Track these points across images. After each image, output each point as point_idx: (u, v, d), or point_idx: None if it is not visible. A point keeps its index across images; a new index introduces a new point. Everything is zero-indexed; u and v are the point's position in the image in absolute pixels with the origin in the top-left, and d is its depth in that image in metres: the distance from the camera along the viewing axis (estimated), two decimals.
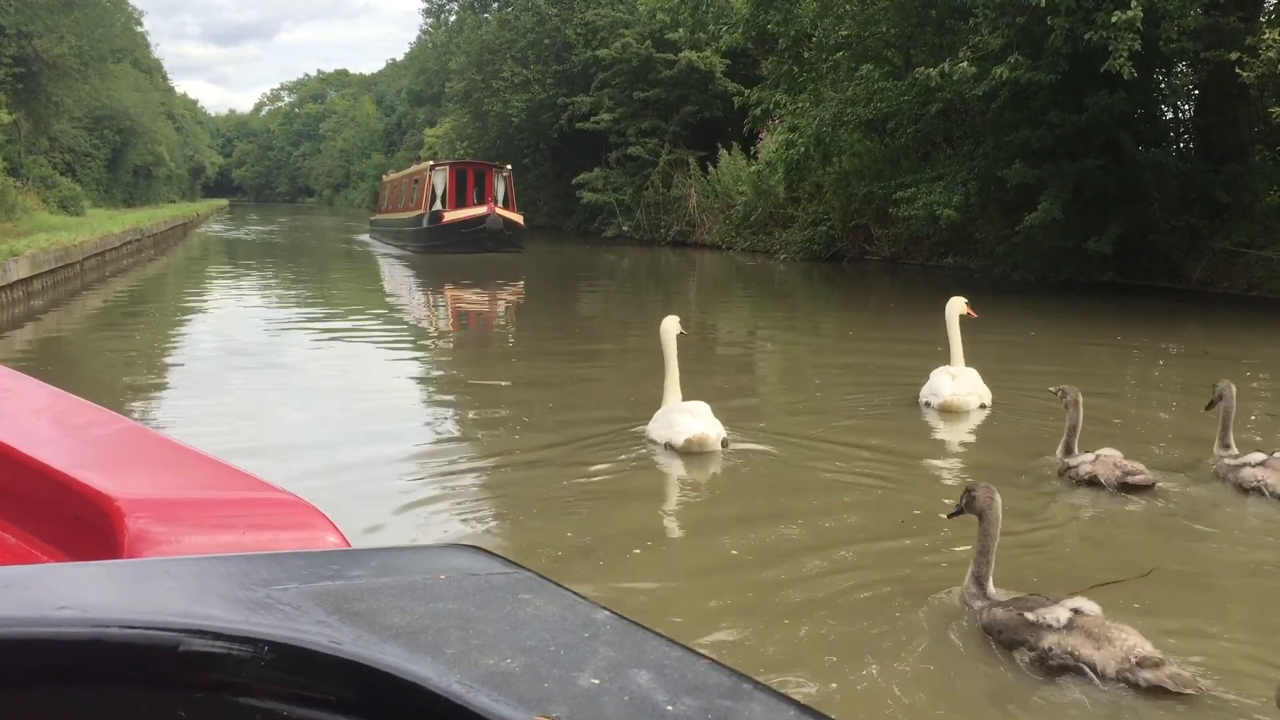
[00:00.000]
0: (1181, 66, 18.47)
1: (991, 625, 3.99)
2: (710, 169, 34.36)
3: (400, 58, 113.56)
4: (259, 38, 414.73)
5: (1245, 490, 5.84)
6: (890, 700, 3.63)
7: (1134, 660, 3.61)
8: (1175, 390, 9.85)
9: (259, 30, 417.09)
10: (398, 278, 25.18)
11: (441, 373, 10.86)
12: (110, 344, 13.00)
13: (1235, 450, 6.16)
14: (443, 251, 29.68)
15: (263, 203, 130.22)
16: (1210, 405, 6.42)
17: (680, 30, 32.99)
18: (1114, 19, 14.58)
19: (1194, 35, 15.42)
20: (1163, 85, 19.15)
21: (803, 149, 22.51)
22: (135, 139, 57.14)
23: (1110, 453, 6.20)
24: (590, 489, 6.19)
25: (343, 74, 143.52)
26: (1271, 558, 5.14)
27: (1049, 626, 3.78)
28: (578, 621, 0.88)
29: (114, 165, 55.86)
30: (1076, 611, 3.80)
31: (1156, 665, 3.59)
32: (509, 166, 34.58)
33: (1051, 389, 6.62)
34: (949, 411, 8.36)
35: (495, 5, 48.50)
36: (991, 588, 4.17)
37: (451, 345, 13.61)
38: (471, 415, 8.38)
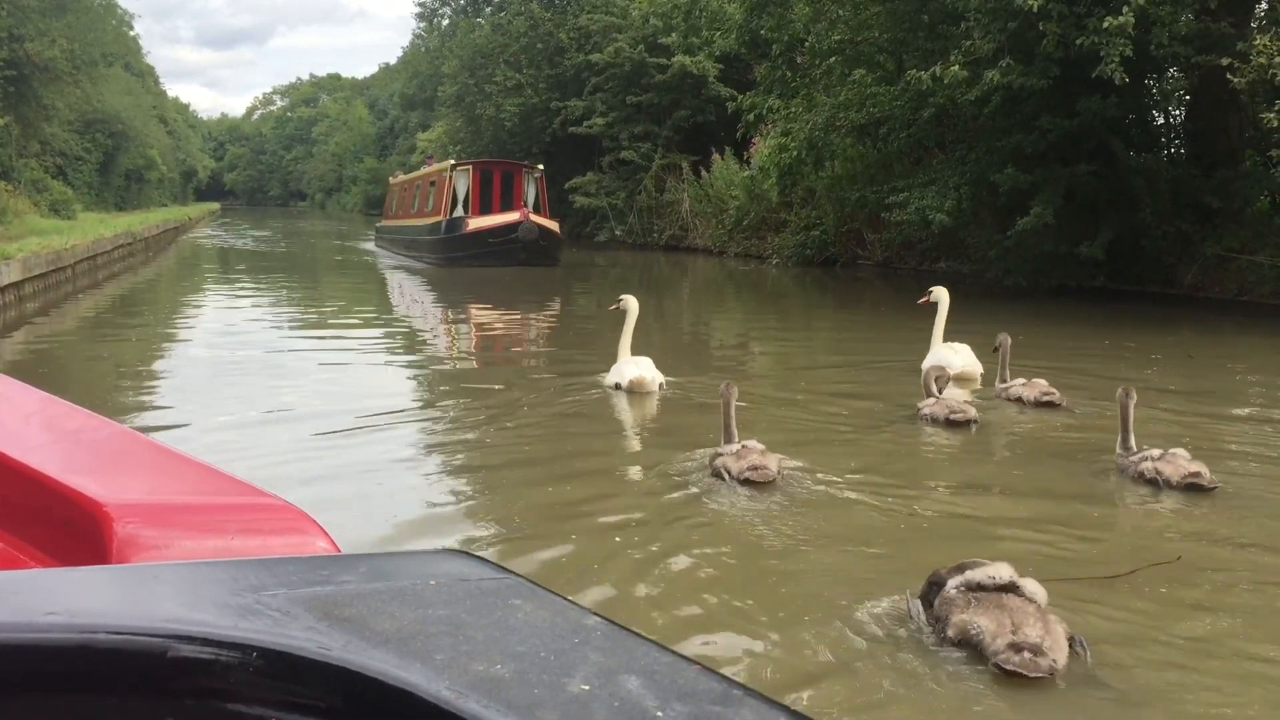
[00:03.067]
0: (1173, 72, 18.54)
1: (938, 625, 4.01)
2: (703, 174, 34.42)
3: (393, 62, 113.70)
4: (253, 42, 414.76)
5: (1146, 481, 6.29)
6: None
7: (1012, 632, 3.68)
8: (1165, 392, 9.87)
9: (253, 35, 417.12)
10: (410, 292, 22.53)
11: (433, 377, 10.84)
12: (101, 349, 12.97)
13: (1134, 449, 6.60)
14: (465, 264, 26.08)
15: (255, 206, 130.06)
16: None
17: (673, 35, 33.07)
18: (1105, 24, 14.64)
19: (1185, 41, 15.47)
20: (1154, 91, 19.22)
21: (795, 154, 22.55)
22: (127, 143, 57.00)
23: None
24: (587, 494, 6.18)
25: (335, 78, 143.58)
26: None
27: (952, 605, 3.92)
28: (568, 627, 0.88)
29: (105, 169, 55.72)
30: (1022, 594, 3.90)
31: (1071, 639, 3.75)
32: (540, 166, 30.29)
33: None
34: (966, 380, 9.66)
35: (488, 10, 48.54)
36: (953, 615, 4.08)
37: (445, 351, 13.60)
38: (465, 421, 8.37)
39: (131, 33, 56.56)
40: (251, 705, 0.84)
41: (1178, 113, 20.47)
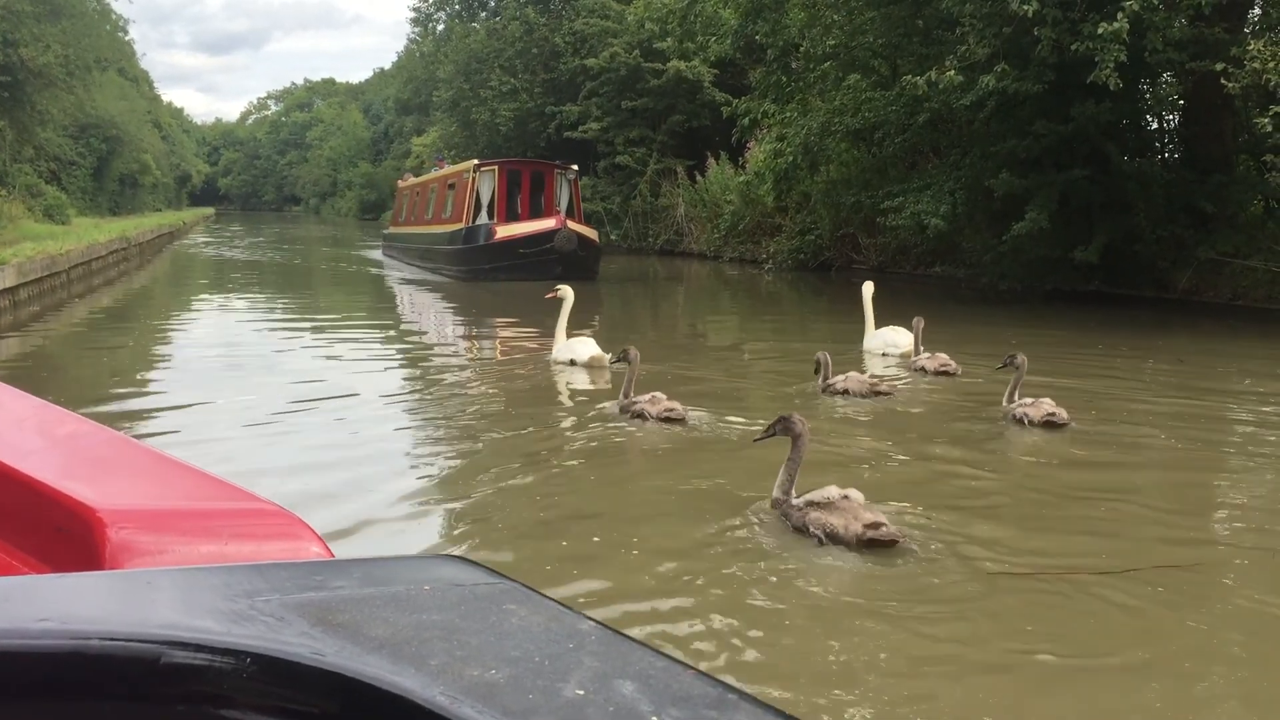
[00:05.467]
0: (1167, 77, 18.58)
1: (790, 516, 5.36)
2: (698, 178, 34.45)
3: (388, 67, 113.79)
4: (249, 47, 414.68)
5: (1021, 423, 7.96)
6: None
7: (864, 524, 5.01)
8: (1160, 395, 9.89)
9: (249, 39, 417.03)
10: (423, 304, 21.09)
11: (430, 383, 10.83)
12: (96, 354, 12.95)
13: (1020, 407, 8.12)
14: (493, 278, 22.95)
15: (249, 211, 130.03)
16: (1002, 367, 8.68)
17: (669, 40, 33.07)
18: (1100, 30, 14.67)
19: (1179, 46, 15.51)
20: (1148, 96, 19.27)
21: (790, 158, 22.60)
22: (121, 147, 56.97)
23: (858, 376, 9.19)
24: (583, 501, 6.18)
25: (330, 83, 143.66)
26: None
27: (816, 504, 5.24)
28: (563, 632, 0.88)
29: (100, 174, 55.69)
30: (845, 496, 5.20)
31: (876, 526, 5.01)
32: (574, 167, 26.67)
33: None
34: (904, 357, 11.17)
35: (483, 15, 48.57)
36: (794, 494, 5.45)
37: (442, 355, 13.58)
38: (461, 425, 8.36)
39: (126, 38, 56.48)
40: (245, 711, 0.84)
41: (1172, 118, 20.54)
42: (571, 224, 23.30)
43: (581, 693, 0.77)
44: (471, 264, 23.98)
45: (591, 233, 24.66)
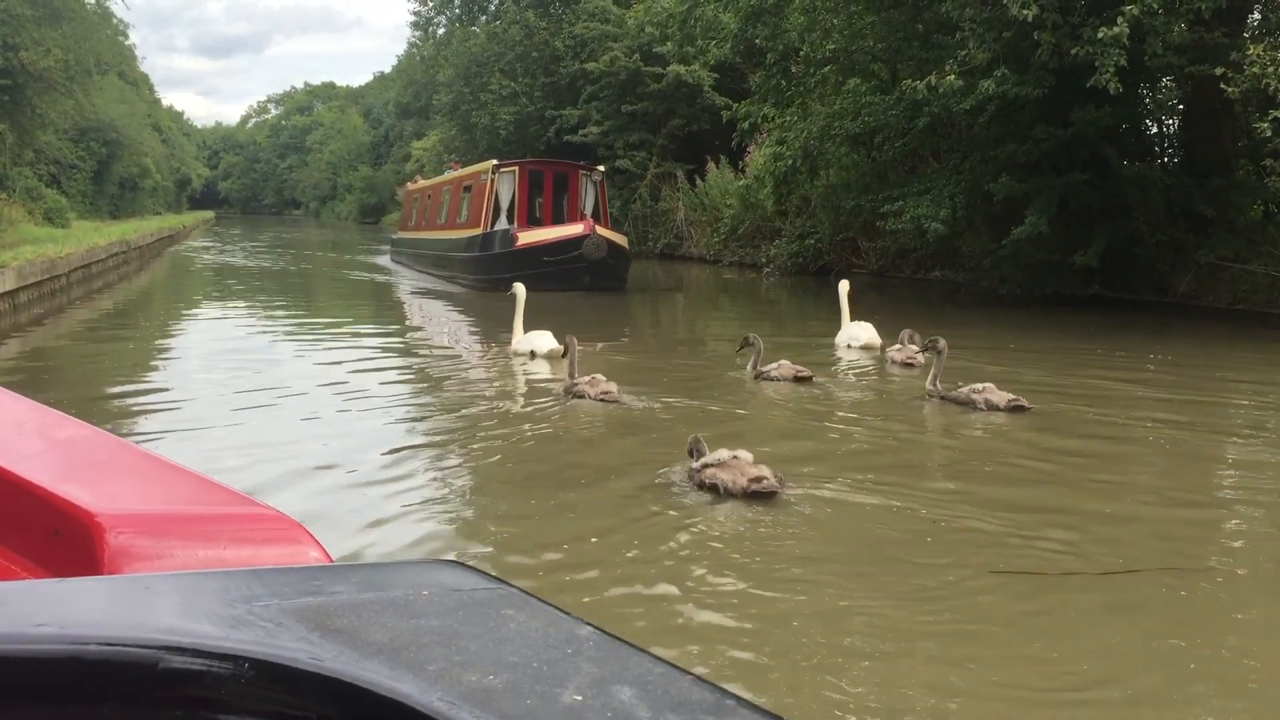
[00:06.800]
0: (1166, 81, 18.62)
1: (695, 477, 6.25)
2: (698, 182, 34.46)
3: (388, 70, 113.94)
4: (249, 50, 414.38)
5: (961, 404, 8.76)
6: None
7: (748, 478, 5.92)
8: (1155, 398, 9.90)
9: (249, 43, 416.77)
10: (433, 312, 20.01)
11: (429, 387, 10.83)
12: (95, 358, 12.95)
13: (941, 387, 9.06)
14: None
15: (249, 214, 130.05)
16: (924, 350, 9.82)
17: (668, 44, 33.08)
18: (1100, 34, 14.68)
19: (1179, 50, 15.52)
20: (1147, 100, 19.29)
21: (790, 162, 22.59)
22: (121, 151, 57.02)
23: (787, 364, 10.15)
24: (580, 507, 6.18)
25: (330, 86, 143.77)
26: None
27: (709, 465, 6.15)
28: (561, 638, 0.88)
29: (100, 177, 55.74)
30: (734, 456, 6.10)
31: (759, 479, 5.92)
32: (600, 168, 25.21)
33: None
34: (869, 349, 12.37)
35: (484, 18, 48.60)
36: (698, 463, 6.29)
37: (441, 358, 13.58)
38: (460, 430, 8.36)
39: (126, 41, 56.51)
40: (243, 717, 0.84)
41: (1171, 122, 20.56)
42: (600, 229, 21.50)
43: (579, 698, 0.77)
44: (490, 273, 21.77)
45: (621, 239, 22.92)
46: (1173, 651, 4.14)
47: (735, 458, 6.12)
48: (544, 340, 11.96)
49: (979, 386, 8.74)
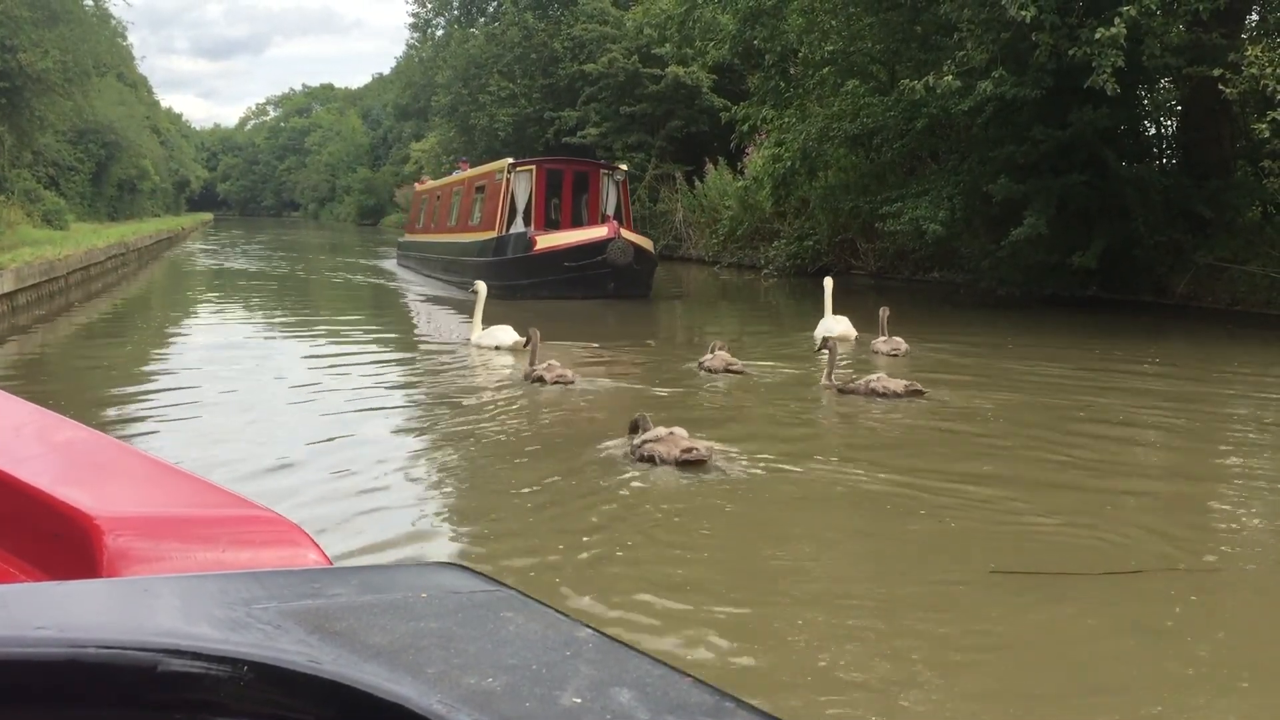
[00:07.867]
0: (1164, 82, 18.61)
1: (636, 451, 6.89)
2: (697, 184, 34.46)
3: (386, 72, 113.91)
4: (249, 52, 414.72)
5: (862, 394, 9.25)
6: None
7: (680, 450, 6.63)
8: (1153, 401, 9.90)
9: (249, 45, 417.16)
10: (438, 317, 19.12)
11: (429, 391, 10.84)
12: (94, 360, 12.94)
13: (836, 381, 9.67)
14: (533, 295, 19.32)
15: (248, 216, 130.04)
16: (820, 350, 10.30)
17: (667, 45, 33.05)
18: (1098, 35, 14.68)
19: (1177, 51, 15.52)
20: (1146, 101, 19.29)
21: (789, 164, 22.59)
22: (120, 153, 56.91)
23: (724, 354, 10.82)
24: (579, 510, 6.18)
25: (328, 88, 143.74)
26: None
27: (647, 440, 6.82)
28: (560, 640, 0.88)
29: (98, 179, 55.65)
30: (670, 433, 6.82)
31: (690, 450, 6.63)
32: (623, 166, 23.88)
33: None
34: (844, 341, 12.75)
35: (482, 20, 48.62)
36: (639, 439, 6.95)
37: (441, 361, 13.58)
38: (460, 433, 8.36)
39: (125, 43, 56.43)
40: (242, 719, 0.84)
41: (1170, 123, 20.56)
42: (625, 232, 20.11)
43: (578, 700, 0.77)
44: (506, 279, 19.93)
45: (647, 243, 21.37)
46: (1173, 651, 4.14)
47: (671, 433, 6.83)
48: (506, 334, 12.83)
49: (873, 377, 9.45)
